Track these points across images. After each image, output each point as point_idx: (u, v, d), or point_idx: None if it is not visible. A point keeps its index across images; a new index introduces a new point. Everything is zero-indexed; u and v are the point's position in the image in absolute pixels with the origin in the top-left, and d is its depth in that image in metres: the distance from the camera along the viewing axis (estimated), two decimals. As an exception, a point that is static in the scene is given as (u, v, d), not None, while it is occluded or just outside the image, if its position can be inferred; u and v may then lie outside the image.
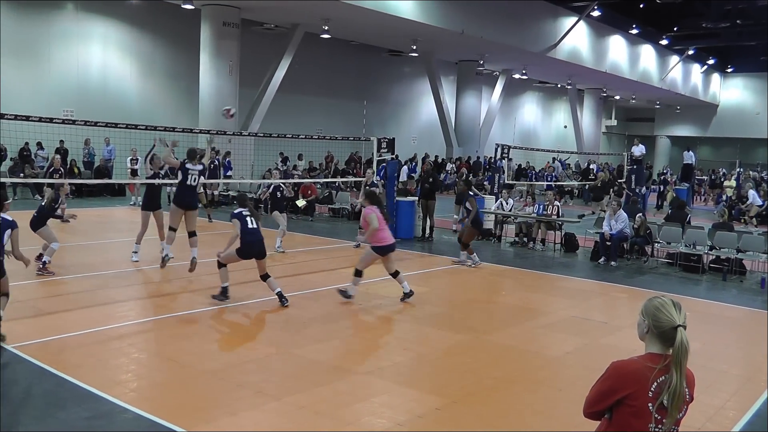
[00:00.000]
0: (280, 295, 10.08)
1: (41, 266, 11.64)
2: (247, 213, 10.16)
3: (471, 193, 15.58)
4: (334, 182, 26.18)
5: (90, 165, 27.22)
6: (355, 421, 6.27)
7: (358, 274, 10.79)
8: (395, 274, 10.94)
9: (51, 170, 20.46)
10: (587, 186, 33.66)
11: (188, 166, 12.67)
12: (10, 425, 5.88)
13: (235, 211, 10.30)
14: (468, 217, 14.56)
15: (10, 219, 8.37)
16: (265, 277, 10.15)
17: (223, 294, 10.16)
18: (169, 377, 7.26)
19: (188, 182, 12.64)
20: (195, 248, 12.36)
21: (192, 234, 12.58)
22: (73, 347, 8.04)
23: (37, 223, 11.75)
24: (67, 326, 8.79)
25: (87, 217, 18.20)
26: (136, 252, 13.35)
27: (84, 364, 7.43)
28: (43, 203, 12.19)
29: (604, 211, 20.42)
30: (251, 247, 10.01)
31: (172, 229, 12.67)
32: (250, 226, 10.02)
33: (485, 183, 27.40)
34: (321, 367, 7.68)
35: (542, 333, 9.75)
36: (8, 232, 8.30)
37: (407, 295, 10.86)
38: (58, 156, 22.42)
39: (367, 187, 16.06)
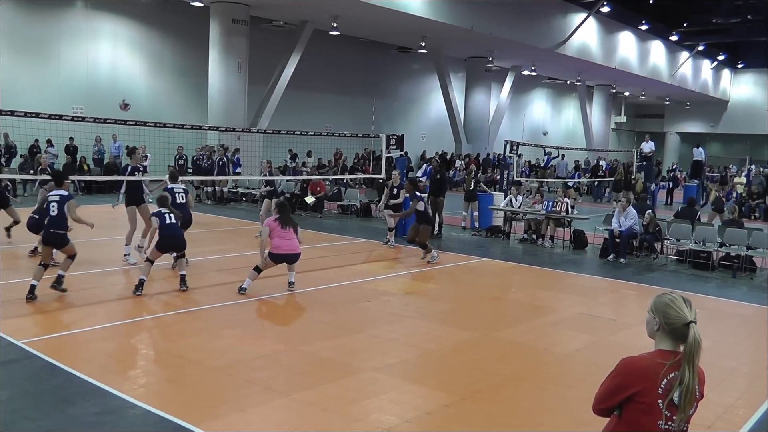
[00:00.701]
0: (182, 278, 10.85)
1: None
2: (166, 211, 10.78)
3: (417, 193, 15.44)
4: (343, 179, 26.15)
5: (100, 162, 27.31)
6: (363, 418, 6.26)
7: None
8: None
9: (39, 169, 19.58)
10: (596, 182, 33.58)
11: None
12: (20, 420, 5.90)
13: (154, 211, 10.97)
14: (406, 215, 15.65)
15: (66, 193, 10.07)
16: (179, 256, 11.15)
17: (139, 287, 10.37)
18: (178, 373, 7.27)
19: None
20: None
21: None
22: (81, 343, 8.07)
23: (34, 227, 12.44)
24: (76, 322, 8.82)
25: (96, 214, 18.19)
26: (128, 254, 13.12)
27: (93, 359, 7.45)
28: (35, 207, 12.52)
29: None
30: (168, 240, 10.74)
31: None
32: (167, 222, 10.67)
33: (497, 178, 27.34)
34: (329, 364, 7.67)
35: (551, 330, 9.73)
36: (67, 203, 9.90)
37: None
38: (45, 156, 21.82)
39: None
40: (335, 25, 29.59)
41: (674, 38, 46.40)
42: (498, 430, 6.18)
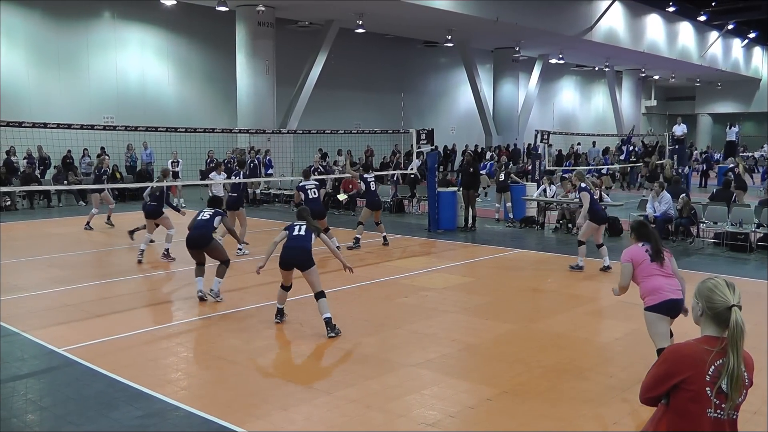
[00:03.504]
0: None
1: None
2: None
3: (366, 176, 16.17)
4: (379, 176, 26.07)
5: (133, 169, 27.57)
6: (406, 414, 6.26)
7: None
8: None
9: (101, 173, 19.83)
10: (629, 168, 33.19)
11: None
12: (64, 426, 5.98)
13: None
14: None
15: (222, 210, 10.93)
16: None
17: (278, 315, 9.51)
18: (219, 375, 7.32)
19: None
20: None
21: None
22: (122, 348, 8.15)
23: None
24: (116, 328, 8.91)
25: (131, 221, 18.40)
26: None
27: (134, 364, 7.52)
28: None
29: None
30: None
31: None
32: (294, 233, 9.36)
33: (528, 168, 27.14)
34: (370, 361, 7.68)
35: (590, 320, 9.66)
36: (218, 218, 10.70)
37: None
38: (106, 157, 22.13)
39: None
40: (360, 23, 29.60)
41: (702, 18, 45.72)
42: (541, 422, 6.14)
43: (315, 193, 14.44)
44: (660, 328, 6.61)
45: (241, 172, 16.22)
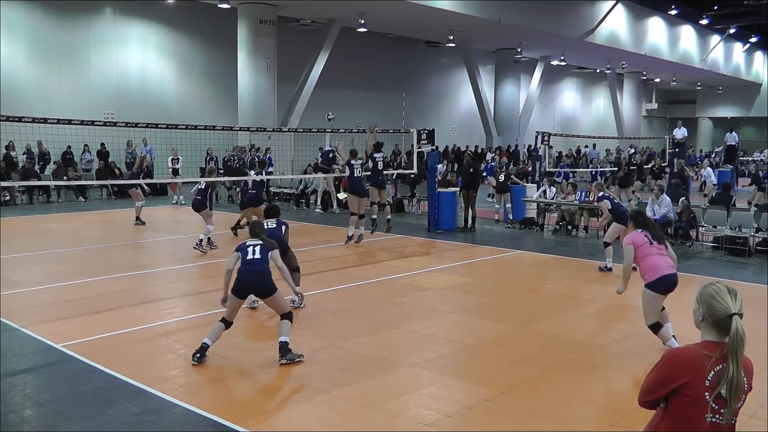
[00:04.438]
0: None
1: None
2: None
3: (352, 161, 16.27)
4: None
5: (131, 166, 27.52)
6: (403, 413, 6.26)
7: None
8: None
9: (139, 170, 19.91)
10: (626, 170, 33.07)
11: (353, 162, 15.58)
12: (62, 422, 5.98)
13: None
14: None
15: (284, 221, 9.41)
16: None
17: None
18: (217, 372, 7.31)
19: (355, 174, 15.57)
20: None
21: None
22: (121, 345, 8.15)
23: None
24: (114, 324, 8.91)
25: (131, 217, 18.42)
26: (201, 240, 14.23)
27: (132, 360, 7.52)
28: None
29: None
30: None
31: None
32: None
33: (528, 170, 27.12)
34: (368, 360, 7.68)
35: (588, 321, 9.65)
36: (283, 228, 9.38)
37: None
38: (147, 155, 22.17)
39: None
40: (362, 21, 29.59)
41: (704, 22, 45.77)
42: (539, 422, 6.14)
43: (359, 172, 15.80)
44: (655, 306, 8.00)
45: (263, 171, 16.42)
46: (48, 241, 14.97)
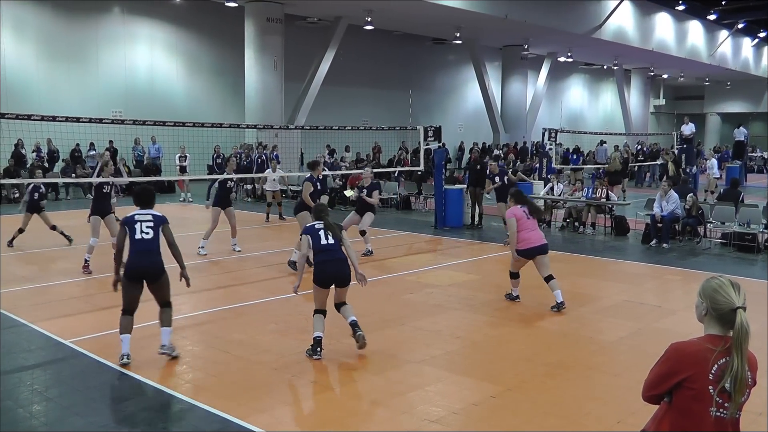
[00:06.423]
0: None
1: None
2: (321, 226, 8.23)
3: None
4: (388, 172, 26.06)
5: (140, 164, 27.65)
6: (410, 410, 6.27)
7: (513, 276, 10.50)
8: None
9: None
10: (636, 167, 33.08)
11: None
12: (70, 417, 6.01)
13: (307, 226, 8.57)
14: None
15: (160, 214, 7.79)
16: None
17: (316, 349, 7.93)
18: (224, 368, 7.34)
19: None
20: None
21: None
22: (129, 342, 8.17)
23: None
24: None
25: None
26: (202, 247, 13.91)
27: (139, 356, 7.53)
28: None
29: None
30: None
31: None
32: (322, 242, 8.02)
33: (535, 166, 27.05)
34: (374, 357, 7.69)
35: (595, 318, 9.65)
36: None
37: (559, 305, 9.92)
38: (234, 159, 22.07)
39: None
40: (369, 19, 29.60)
41: (712, 17, 45.48)
42: (545, 420, 6.15)
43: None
44: (520, 263, 10.21)
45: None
46: (56, 238, 15.00)
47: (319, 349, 7.54)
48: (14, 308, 9.36)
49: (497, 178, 16.32)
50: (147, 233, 7.38)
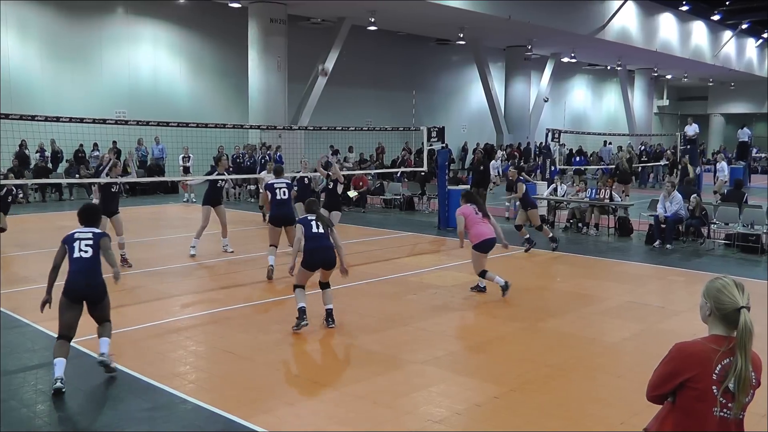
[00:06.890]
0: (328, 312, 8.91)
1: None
2: (313, 218, 8.92)
3: (271, 181, 15.27)
4: (391, 173, 26.06)
5: (143, 164, 27.67)
6: (413, 410, 6.27)
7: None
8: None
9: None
10: (639, 168, 33.06)
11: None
12: (73, 417, 6.02)
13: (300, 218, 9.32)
14: None
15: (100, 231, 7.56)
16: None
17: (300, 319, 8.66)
18: (227, 369, 7.35)
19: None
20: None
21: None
22: (131, 341, 8.18)
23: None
24: (125, 321, 8.93)
25: (142, 215, 18.51)
26: (194, 246, 13.79)
27: (143, 357, 7.56)
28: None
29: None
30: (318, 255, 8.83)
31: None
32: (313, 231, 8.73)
33: (537, 170, 27.08)
34: (377, 357, 7.69)
35: (598, 319, 9.64)
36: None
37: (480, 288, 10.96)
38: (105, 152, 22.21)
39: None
40: (373, 20, 29.63)
41: (716, 18, 45.47)
42: (548, 420, 6.14)
43: (285, 194, 12.42)
44: (481, 261, 10.56)
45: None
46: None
47: (304, 316, 8.47)
48: (18, 308, 9.38)
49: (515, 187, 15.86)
50: (86, 251, 7.15)
